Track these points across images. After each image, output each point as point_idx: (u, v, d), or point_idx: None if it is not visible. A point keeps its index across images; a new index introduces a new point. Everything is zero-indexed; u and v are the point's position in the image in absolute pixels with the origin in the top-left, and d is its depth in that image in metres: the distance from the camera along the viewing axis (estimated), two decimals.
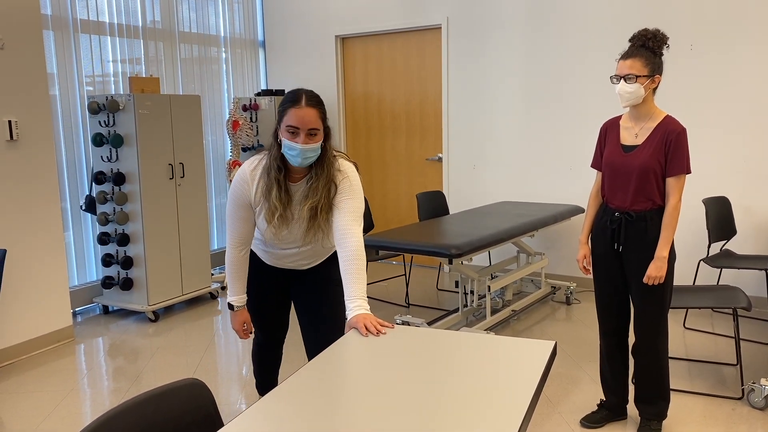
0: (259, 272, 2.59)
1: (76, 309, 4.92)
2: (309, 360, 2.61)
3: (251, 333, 2.62)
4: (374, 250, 4.50)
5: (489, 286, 4.07)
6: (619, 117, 2.82)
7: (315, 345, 2.56)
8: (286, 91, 6.25)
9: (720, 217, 4.25)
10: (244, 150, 5.80)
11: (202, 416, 1.48)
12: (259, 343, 2.79)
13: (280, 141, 2.21)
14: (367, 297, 2.19)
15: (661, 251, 2.65)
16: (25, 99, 3.96)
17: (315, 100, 2.20)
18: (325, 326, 2.55)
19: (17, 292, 3.98)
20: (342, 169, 2.30)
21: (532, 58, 5.24)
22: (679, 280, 4.74)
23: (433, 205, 5.00)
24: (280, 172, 2.25)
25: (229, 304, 2.54)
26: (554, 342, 1.89)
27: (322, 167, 2.26)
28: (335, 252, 2.55)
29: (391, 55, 6.05)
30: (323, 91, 6.37)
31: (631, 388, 3.24)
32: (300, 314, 2.62)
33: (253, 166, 2.30)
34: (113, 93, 4.92)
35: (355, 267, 2.18)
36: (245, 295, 2.54)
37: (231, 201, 2.35)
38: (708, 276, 4.72)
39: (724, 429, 2.93)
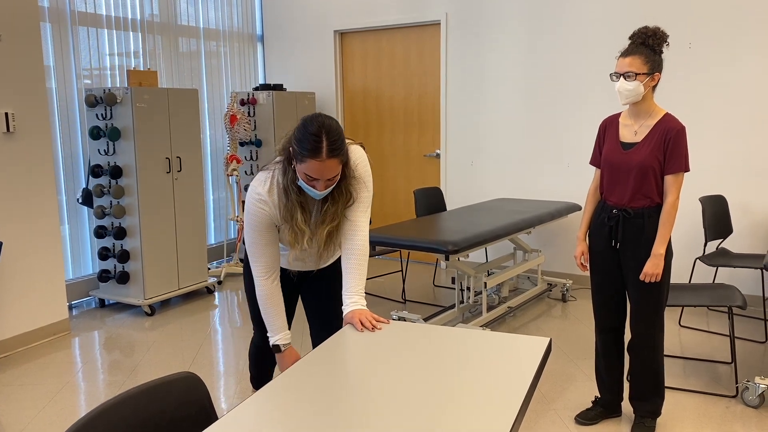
0: None
1: (72, 302, 4.92)
2: None
3: None
4: (371, 246, 4.51)
5: (485, 283, 4.07)
6: (619, 114, 2.82)
7: (321, 339, 2.54)
8: (284, 86, 6.26)
9: (717, 216, 4.25)
10: (242, 144, 5.79)
11: (197, 409, 1.48)
12: (258, 344, 2.70)
13: (295, 166, 2.04)
14: (364, 293, 2.18)
15: (658, 248, 2.65)
16: (22, 91, 3.94)
17: (335, 148, 1.95)
18: (331, 320, 2.52)
19: (13, 284, 3.98)
20: (357, 174, 2.15)
21: (531, 54, 5.24)
22: (675, 278, 4.75)
23: (431, 201, 5.00)
24: (301, 193, 2.09)
25: (274, 345, 2.28)
26: (549, 338, 1.90)
27: (341, 190, 2.12)
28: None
29: (390, 51, 6.04)
30: (321, 87, 6.37)
31: (626, 385, 3.25)
32: (309, 313, 2.58)
33: (267, 187, 2.11)
34: (111, 86, 4.91)
35: (358, 262, 2.16)
36: (289, 330, 2.30)
37: (253, 228, 2.15)
38: (704, 274, 4.73)
39: (718, 427, 2.94)
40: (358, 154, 2.17)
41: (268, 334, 2.31)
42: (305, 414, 1.45)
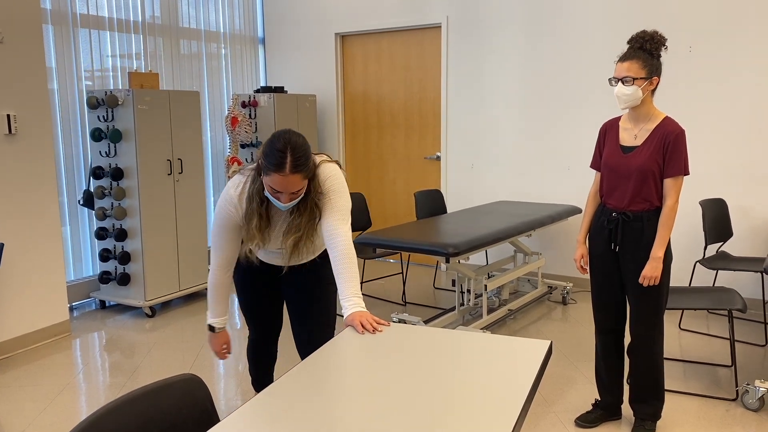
0: (251, 268, 2.57)
1: (73, 304, 4.92)
2: (301, 358, 2.61)
3: (230, 354, 2.59)
4: (371, 248, 4.51)
5: (486, 285, 4.07)
6: (619, 118, 2.83)
7: (305, 344, 2.56)
8: (285, 88, 6.27)
9: (717, 219, 4.26)
10: (243, 146, 5.80)
11: (199, 412, 1.48)
12: (253, 340, 2.76)
13: (262, 178, 2.14)
14: (365, 295, 2.19)
15: (657, 251, 2.66)
16: (24, 93, 3.95)
17: (299, 164, 2.06)
18: (315, 325, 2.54)
19: (14, 286, 3.98)
20: (324, 189, 2.23)
21: (532, 57, 5.25)
22: (675, 281, 4.76)
23: (431, 203, 5.01)
24: (262, 204, 2.21)
25: (209, 325, 2.49)
26: (550, 341, 1.90)
27: (306, 204, 2.22)
28: (325, 251, 2.54)
29: (390, 54, 6.05)
30: (322, 89, 6.37)
31: (626, 388, 3.26)
32: (291, 313, 2.61)
33: (239, 191, 2.22)
34: (112, 88, 4.92)
35: (347, 266, 2.19)
36: (227, 316, 2.51)
37: (218, 223, 2.29)
38: (704, 277, 4.73)
39: (718, 430, 2.94)
40: (330, 171, 2.27)
41: (207, 312, 2.50)
42: (306, 416, 1.45)
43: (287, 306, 2.64)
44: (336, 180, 2.27)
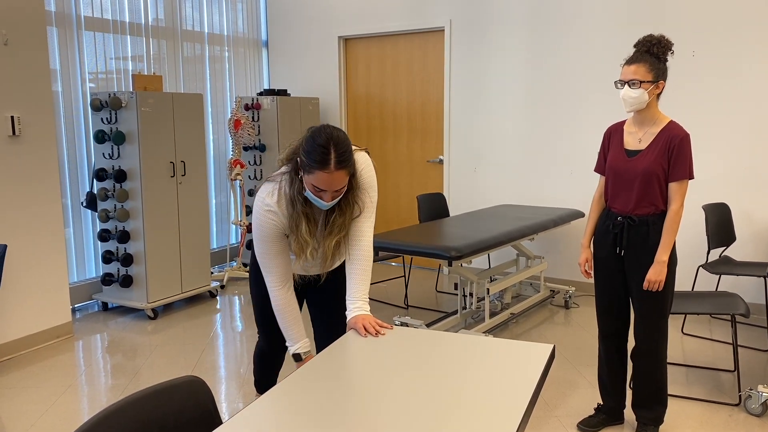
0: None
1: (76, 305, 4.93)
2: None
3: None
4: (374, 251, 4.51)
5: (488, 289, 4.07)
6: (623, 122, 2.83)
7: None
8: (288, 91, 6.28)
9: (720, 224, 4.25)
10: (246, 149, 5.81)
11: (201, 413, 1.48)
12: (263, 350, 2.70)
13: (302, 177, 2.04)
14: (368, 298, 2.18)
15: (661, 256, 2.66)
16: (28, 95, 3.96)
17: (344, 159, 1.95)
18: (341, 330, 2.51)
19: (17, 287, 3.99)
20: (362, 182, 2.15)
21: (535, 61, 5.25)
22: (678, 285, 4.75)
23: (434, 206, 5.01)
24: (307, 204, 2.10)
25: (294, 355, 2.26)
26: (552, 345, 1.90)
27: (348, 201, 2.13)
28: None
29: (393, 57, 6.06)
30: (325, 92, 6.38)
31: (629, 392, 3.25)
32: (314, 317, 2.58)
33: (276, 198, 2.10)
34: (116, 90, 4.93)
35: (362, 268, 2.17)
36: (307, 338, 2.28)
37: (263, 238, 2.15)
38: (707, 282, 4.72)
39: None
40: (362, 161, 2.19)
41: (287, 344, 2.29)
42: (309, 419, 1.45)
43: (311, 309, 2.57)
44: (368, 172, 2.19)
